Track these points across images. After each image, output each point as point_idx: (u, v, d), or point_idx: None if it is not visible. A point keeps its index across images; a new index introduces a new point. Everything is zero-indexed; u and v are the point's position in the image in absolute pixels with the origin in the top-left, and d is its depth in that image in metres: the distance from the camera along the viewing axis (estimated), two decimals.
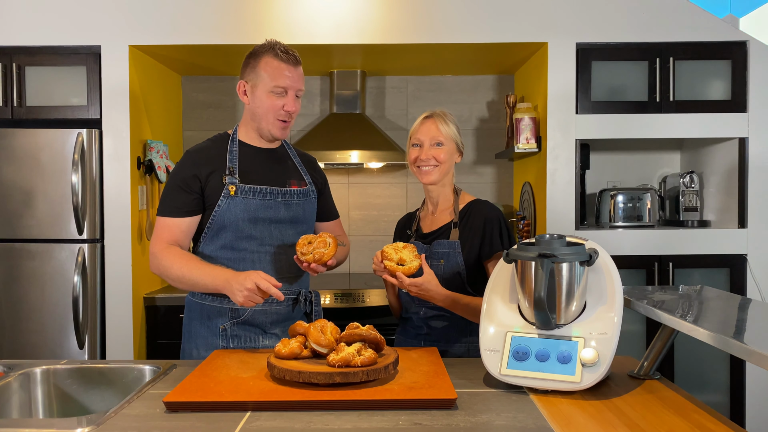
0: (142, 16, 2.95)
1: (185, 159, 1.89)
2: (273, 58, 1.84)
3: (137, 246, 3.04)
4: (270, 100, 1.85)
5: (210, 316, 1.88)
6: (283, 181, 1.93)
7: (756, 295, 2.99)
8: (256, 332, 1.90)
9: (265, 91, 1.85)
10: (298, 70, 1.88)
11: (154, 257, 1.83)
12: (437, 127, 1.90)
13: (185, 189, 1.84)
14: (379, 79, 3.77)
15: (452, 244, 1.88)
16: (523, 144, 3.12)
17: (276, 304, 1.90)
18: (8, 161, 2.90)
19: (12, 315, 2.92)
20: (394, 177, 3.79)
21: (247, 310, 1.87)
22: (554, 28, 2.98)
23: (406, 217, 2.13)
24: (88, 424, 1.27)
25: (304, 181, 1.99)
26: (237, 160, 1.88)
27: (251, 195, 1.86)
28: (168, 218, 1.85)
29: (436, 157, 1.89)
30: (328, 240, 1.79)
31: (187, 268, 1.78)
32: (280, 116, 1.86)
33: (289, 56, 1.85)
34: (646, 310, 1.52)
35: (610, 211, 3.27)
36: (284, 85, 1.84)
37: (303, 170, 2.01)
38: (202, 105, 3.74)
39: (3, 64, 2.96)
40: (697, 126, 2.99)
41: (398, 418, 1.29)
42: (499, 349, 1.49)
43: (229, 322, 1.87)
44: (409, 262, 1.72)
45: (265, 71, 1.84)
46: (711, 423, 1.27)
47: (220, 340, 1.87)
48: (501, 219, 1.90)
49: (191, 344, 1.91)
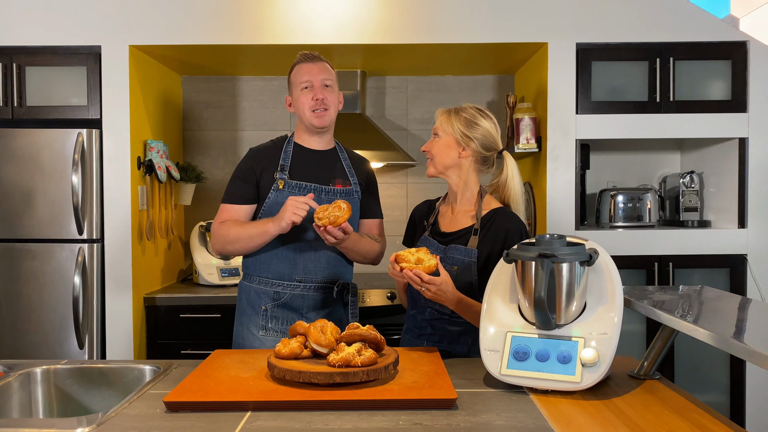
0: (142, 16, 2.95)
1: (247, 155, 2.15)
2: (297, 66, 2.13)
3: (137, 246, 3.04)
4: (302, 96, 2.10)
5: (255, 297, 2.11)
6: (328, 180, 2.13)
7: (756, 295, 2.99)
8: (293, 315, 2.10)
9: (297, 92, 2.11)
10: (318, 64, 2.12)
11: (214, 233, 2.09)
12: (444, 120, 1.91)
13: (243, 180, 2.10)
14: (379, 79, 3.77)
15: (469, 252, 1.83)
16: (523, 144, 3.12)
17: (313, 290, 2.10)
18: (8, 161, 2.90)
19: (12, 315, 2.92)
20: (394, 177, 3.79)
21: (286, 293, 2.08)
22: (554, 28, 2.98)
23: (425, 205, 2.07)
24: (88, 424, 1.27)
25: (349, 182, 2.17)
26: (289, 159, 2.12)
27: (297, 190, 2.07)
28: (228, 204, 2.11)
29: (431, 149, 1.91)
30: (343, 205, 1.89)
31: (242, 227, 2.04)
32: (312, 106, 2.08)
33: (307, 56, 2.13)
34: (646, 310, 1.52)
35: (610, 211, 3.27)
36: (307, 80, 2.09)
37: (350, 171, 2.19)
38: (202, 105, 3.74)
39: (3, 64, 2.96)
40: (697, 126, 2.99)
41: (398, 418, 1.29)
42: (499, 349, 1.49)
43: (271, 303, 2.09)
44: (427, 261, 1.69)
45: (294, 77, 2.13)
46: (711, 423, 1.27)
47: (261, 319, 2.09)
48: (523, 233, 1.84)
49: (238, 323, 2.15)
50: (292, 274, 2.08)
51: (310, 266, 2.09)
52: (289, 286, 2.09)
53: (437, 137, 1.91)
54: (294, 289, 2.09)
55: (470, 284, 1.83)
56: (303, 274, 2.09)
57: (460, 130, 1.88)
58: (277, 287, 2.09)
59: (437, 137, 1.91)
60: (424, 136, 3.76)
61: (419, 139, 3.77)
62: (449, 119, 1.90)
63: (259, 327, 2.10)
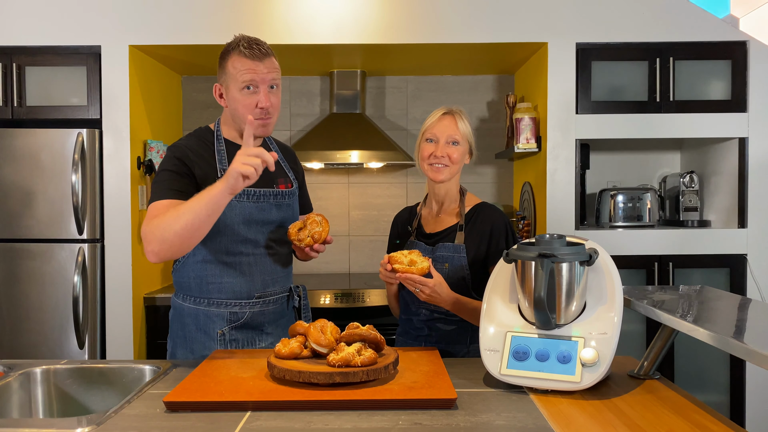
0: (142, 16, 2.95)
1: (175, 151, 1.80)
2: (238, 56, 1.76)
3: (137, 246, 3.03)
4: (243, 98, 1.76)
5: (207, 321, 1.84)
6: (272, 182, 1.88)
7: (756, 295, 2.99)
8: (253, 334, 1.88)
9: (236, 90, 1.77)
10: (267, 62, 1.77)
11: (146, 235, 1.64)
12: (455, 125, 1.87)
13: (178, 173, 1.75)
14: (379, 79, 3.77)
15: (457, 247, 1.86)
16: (523, 144, 3.12)
17: (272, 304, 1.89)
18: (8, 161, 2.90)
19: (12, 315, 2.92)
20: (394, 177, 3.78)
21: (245, 313, 1.84)
22: (554, 28, 2.98)
23: (406, 212, 2.07)
24: (88, 424, 1.27)
25: (290, 180, 1.96)
26: (226, 161, 1.81)
27: (245, 198, 1.81)
28: (163, 201, 1.70)
29: (450, 155, 1.85)
30: (317, 218, 1.81)
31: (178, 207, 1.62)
32: (256, 114, 1.76)
33: (253, 50, 1.74)
34: (646, 310, 1.52)
35: (610, 211, 3.27)
36: (250, 79, 1.74)
37: (286, 166, 1.98)
38: (202, 105, 3.74)
39: (3, 64, 2.96)
40: (697, 126, 2.99)
41: (398, 418, 1.29)
42: (499, 349, 1.49)
43: (227, 326, 1.83)
44: (420, 263, 1.69)
45: (233, 70, 1.76)
46: (711, 423, 1.27)
47: (218, 344, 1.83)
48: (508, 225, 1.89)
49: (186, 350, 1.86)
50: (251, 291, 1.83)
51: (267, 279, 1.87)
52: (248, 305, 1.84)
53: (458, 145, 1.87)
54: (253, 306, 1.84)
55: (462, 279, 1.85)
56: (262, 289, 1.85)
57: (472, 136, 1.91)
58: (233, 308, 1.82)
59: (458, 145, 1.87)
60: None
61: None
62: (464, 125, 1.89)
63: None
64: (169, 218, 1.61)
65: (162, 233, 1.61)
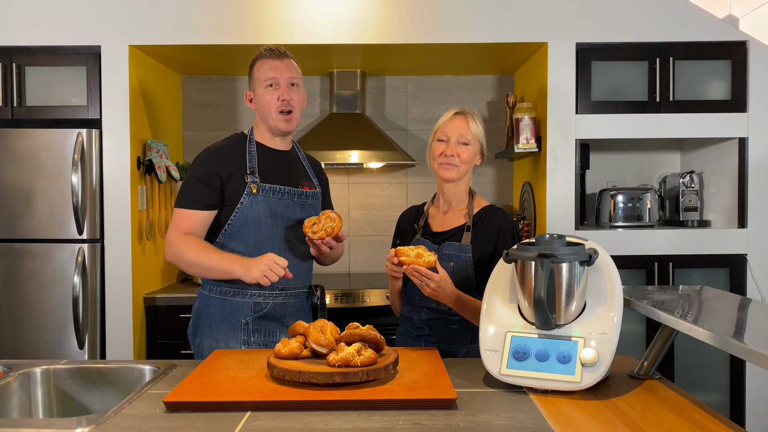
0: (142, 16, 2.95)
1: (206, 156, 1.98)
2: (261, 60, 1.99)
3: (137, 246, 3.04)
4: (266, 95, 1.97)
5: (232, 311, 1.96)
6: (297, 183, 2.04)
7: (756, 295, 2.99)
8: (275, 326, 1.99)
9: (261, 89, 1.98)
10: (285, 61, 1.98)
11: (171, 245, 1.91)
12: (467, 125, 1.89)
13: (206, 184, 1.93)
14: (379, 79, 3.77)
15: (463, 247, 1.87)
16: (523, 144, 3.12)
17: (294, 297, 2.02)
18: (8, 161, 2.90)
19: (12, 315, 2.92)
20: (394, 177, 3.78)
21: (269, 303, 1.97)
22: (554, 28, 2.98)
23: (413, 210, 2.08)
24: (88, 424, 1.27)
25: (313, 184, 2.10)
26: (256, 160, 1.98)
27: (271, 194, 1.96)
28: (187, 210, 1.93)
29: (460, 155, 1.87)
30: (332, 215, 1.89)
31: (204, 253, 1.87)
32: (279, 107, 1.96)
33: (272, 51, 1.98)
34: (646, 310, 1.52)
35: (610, 211, 3.27)
36: (272, 77, 1.96)
37: (311, 173, 2.13)
38: (202, 105, 3.74)
39: (3, 64, 2.96)
40: (697, 126, 2.99)
41: (398, 418, 1.29)
42: (499, 349, 1.49)
43: (251, 316, 1.95)
44: (427, 257, 1.70)
45: (257, 73, 1.99)
46: (711, 423, 1.27)
47: (242, 333, 1.95)
48: (515, 228, 1.90)
49: (211, 339, 1.97)
50: (275, 283, 1.88)
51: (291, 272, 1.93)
52: (271, 296, 1.97)
53: (469, 145, 1.88)
54: (276, 298, 1.98)
55: (467, 278, 1.85)
56: (285, 282, 1.95)
57: (483, 138, 1.93)
58: (257, 297, 1.96)
59: (469, 145, 1.88)
60: (424, 136, 3.76)
61: (419, 139, 3.77)
62: (476, 125, 1.90)
63: (241, 342, 1.95)
64: (189, 257, 1.87)
65: (178, 256, 1.89)
